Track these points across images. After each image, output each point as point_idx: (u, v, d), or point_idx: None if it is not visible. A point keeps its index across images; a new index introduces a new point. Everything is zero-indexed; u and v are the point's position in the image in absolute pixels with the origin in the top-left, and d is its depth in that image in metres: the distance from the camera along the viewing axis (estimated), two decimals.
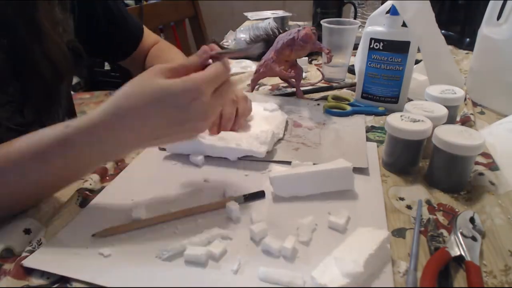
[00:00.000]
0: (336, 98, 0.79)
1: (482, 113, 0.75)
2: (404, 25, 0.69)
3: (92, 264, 0.39)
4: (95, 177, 0.53)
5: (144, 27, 0.83)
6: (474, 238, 0.41)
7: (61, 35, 0.58)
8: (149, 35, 0.83)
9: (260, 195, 0.49)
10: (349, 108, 0.74)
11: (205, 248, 0.40)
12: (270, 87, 0.89)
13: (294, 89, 0.84)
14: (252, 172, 0.55)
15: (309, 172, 0.49)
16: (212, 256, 0.40)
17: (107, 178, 0.54)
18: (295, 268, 0.39)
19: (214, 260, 0.40)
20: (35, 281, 0.38)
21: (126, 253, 0.41)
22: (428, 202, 0.49)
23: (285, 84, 0.89)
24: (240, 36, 1.19)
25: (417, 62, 0.74)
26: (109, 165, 0.56)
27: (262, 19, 1.30)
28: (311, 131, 0.66)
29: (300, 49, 0.74)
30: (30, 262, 0.39)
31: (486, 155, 0.57)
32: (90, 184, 0.51)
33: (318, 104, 0.78)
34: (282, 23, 1.31)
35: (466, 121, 0.67)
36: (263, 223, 0.43)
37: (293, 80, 0.81)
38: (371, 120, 0.72)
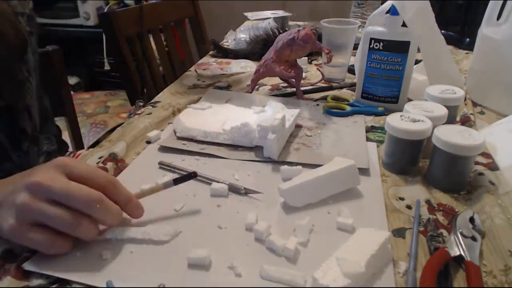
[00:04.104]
0: (335, 98, 0.79)
1: (482, 113, 0.75)
2: (404, 25, 0.69)
3: (92, 267, 0.39)
4: None
5: None
6: (474, 238, 0.41)
7: (12, 6, 0.55)
8: None
9: (191, 175, 0.48)
10: (348, 108, 0.74)
11: (207, 250, 0.40)
12: (270, 87, 0.89)
13: (294, 89, 0.84)
14: (252, 173, 0.55)
15: (316, 178, 0.48)
16: (214, 258, 0.40)
17: None
18: (297, 269, 0.39)
19: (216, 262, 0.40)
20: (35, 281, 0.38)
21: (126, 255, 0.41)
22: (428, 202, 0.49)
23: (285, 84, 0.89)
24: (240, 36, 1.19)
25: (417, 62, 0.74)
26: (109, 166, 0.56)
27: (262, 19, 1.30)
28: (311, 132, 0.66)
29: (300, 49, 0.74)
30: (30, 265, 0.39)
31: (486, 155, 0.57)
32: None
33: (318, 105, 0.78)
34: (282, 23, 1.30)
35: (466, 121, 0.66)
36: (264, 222, 0.43)
37: (293, 80, 0.81)
38: (371, 120, 0.72)
